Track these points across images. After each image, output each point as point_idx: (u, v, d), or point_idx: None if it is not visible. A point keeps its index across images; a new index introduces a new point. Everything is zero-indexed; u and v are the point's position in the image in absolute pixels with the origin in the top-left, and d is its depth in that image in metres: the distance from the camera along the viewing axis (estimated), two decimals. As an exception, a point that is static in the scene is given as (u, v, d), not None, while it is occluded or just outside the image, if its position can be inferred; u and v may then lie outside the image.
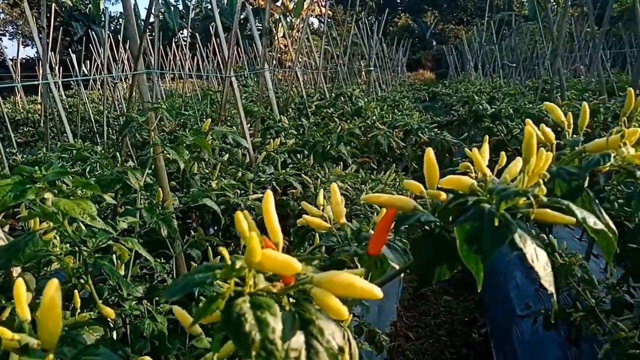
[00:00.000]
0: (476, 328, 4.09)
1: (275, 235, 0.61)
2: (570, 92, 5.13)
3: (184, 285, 0.49)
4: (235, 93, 2.56)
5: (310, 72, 7.85)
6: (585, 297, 2.27)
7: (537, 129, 0.79)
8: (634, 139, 0.72)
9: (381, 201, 0.79)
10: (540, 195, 0.57)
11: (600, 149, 0.73)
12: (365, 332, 3.11)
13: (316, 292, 0.50)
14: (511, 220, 0.58)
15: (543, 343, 3.42)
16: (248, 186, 2.05)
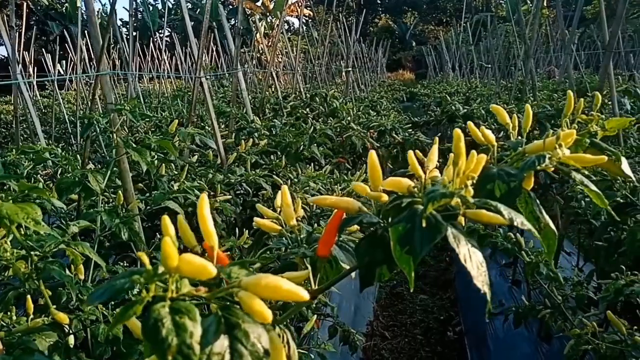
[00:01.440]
0: (451, 326, 4.14)
1: (210, 238, 0.61)
2: (543, 92, 5.22)
3: (104, 291, 0.48)
4: (205, 93, 2.55)
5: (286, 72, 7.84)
6: (552, 295, 2.31)
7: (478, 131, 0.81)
8: (570, 141, 0.73)
9: (327, 203, 0.80)
10: (467, 196, 0.58)
11: (538, 151, 0.74)
12: (340, 332, 3.12)
13: (242, 296, 0.50)
14: (441, 221, 0.59)
15: (515, 340, 3.47)
16: (216, 188, 2.04)
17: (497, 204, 0.60)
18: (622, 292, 1.37)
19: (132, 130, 4.74)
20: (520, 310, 2.71)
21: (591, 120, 0.84)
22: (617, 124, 0.85)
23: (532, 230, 0.59)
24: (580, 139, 0.79)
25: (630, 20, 17.50)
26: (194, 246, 0.62)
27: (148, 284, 0.47)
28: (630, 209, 1.68)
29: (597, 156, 0.73)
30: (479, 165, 0.64)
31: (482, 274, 0.64)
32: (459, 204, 0.60)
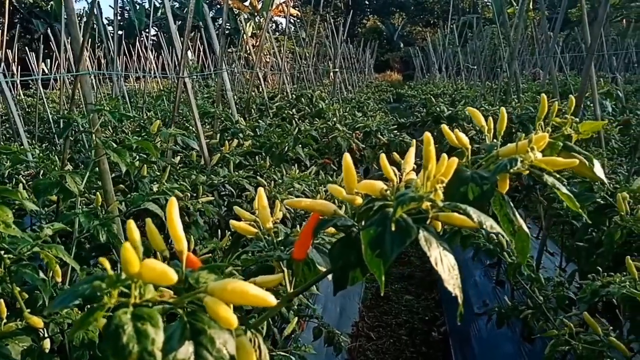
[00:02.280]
0: (436, 327, 4.16)
1: (179, 243, 0.60)
2: (527, 94, 5.27)
3: (67, 297, 0.48)
4: (189, 94, 2.53)
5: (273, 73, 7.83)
6: (533, 295, 2.33)
7: (452, 134, 0.81)
8: (543, 144, 0.74)
9: (302, 206, 0.79)
10: (437, 200, 0.58)
11: (511, 154, 0.75)
12: (325, 333, 3.12)
13: (208, 301, 0.50)
14: (412, 225, 0.59)
15: (499, 340, 3.50)
16: (198, 189, 2.03)
17: (467, 207, 0.60)
18: (598, 293, 1.38)
19: (117, 131, 4.70)
20: (502, 310, 2.73)
21: (565, 123, 0.84)
22: (590, 127, 0.85)
23: (501, 233, 0.59)
24: (554, 142, 0.80)
25: (614, 23, 17.76)
26: (163, 250, 0.61)
27: (110, 289, 0.46)
28: (608, 211, 1.70)
29: (569, 159, 0.73)
30: (450, 169, 0.64)
31: (454, 277, 0.64)
32: (429, 207, 0.60)
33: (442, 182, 0.59)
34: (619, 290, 1.28)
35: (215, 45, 3.47)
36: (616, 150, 3.89)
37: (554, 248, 4.42)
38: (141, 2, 33.54)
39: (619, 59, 10.87)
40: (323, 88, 9.14)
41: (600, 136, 3.05)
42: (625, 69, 13.44)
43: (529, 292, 2.40)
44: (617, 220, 1.60)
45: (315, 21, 9.44)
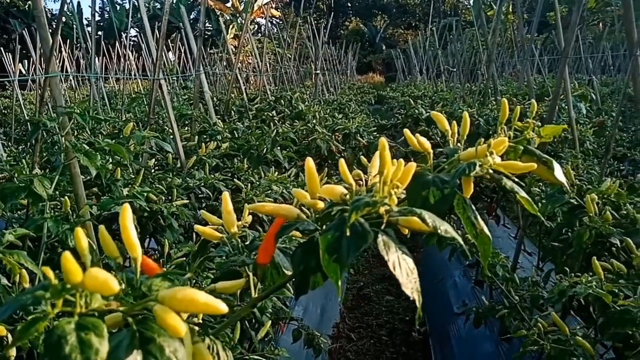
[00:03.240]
0: (416, 327, 4.18)
1: (133, 250, 0.59)
2: (505, 96, 5.34)
3: (10, 306, 0.47)
4: (164, 96, 2.50)
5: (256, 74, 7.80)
6: (508, 295, 2.36)
7: (414, 138, 0.81)
8: (502, 149, 0.75)
9: (266, 210, 0.79)
10: (392, 205, 0.59)
11: (471, 158, 0.75)
12: (304, 335, 3.11)
13: (157, 310, 0.49)
14: (368, 229, 0.59)
15: (478, 340, 3.52)
16: (173, 192, 2.01)
17: (422, 211, 0.60)
18: (565, 294, 1.40)
19: (94, 133, 4.63)
20: (480, 310, 2.75)
21: (526, 127, 0.85)
22: (551, 130, 0.86)
23: (456, 238, 0.60)
24: (514, 146, 0.81)
25: (590, 27, 18.10)
26: (116, 257, 0.61)
27: (54, 299, 0.45)
28: (579, 212, 1.73)
29: (528, 164, 0.74)
30: (407, 174, 0.64)
31: (412, 281, 0.64)
32: (385, 211, 0.60)
33: (397, 187, 0.60)
34: (585, 290, 1.30)
35: (193, 47, 3.45)
36: (591, 152, 3.96)
37: (533, 248, 4.49)
38: (121, 3, 33.17)
39: (595, 61, 11.07)
40: (305, 89, 9.14)
41: (574, 138, 3.10)
42: (601, 71, 13.71)
43: (505, 292, 2.43)
44: (586, 221, 1.63)
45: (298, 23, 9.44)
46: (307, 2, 22.88)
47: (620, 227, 1.62)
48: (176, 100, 5.03)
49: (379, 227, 0.64)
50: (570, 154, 2.94)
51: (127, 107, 4.28)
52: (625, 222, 1.64)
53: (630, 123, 5.76)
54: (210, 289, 0.74)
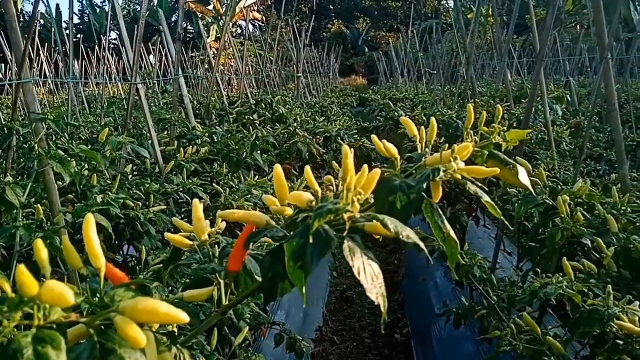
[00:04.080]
0: (399, 328, 4.20)
1: (97, 260, 0.59)
2: (484, 98, 5.40)
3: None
4: (141, 100, 2.48)
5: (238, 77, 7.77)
6: (486, 296, 2.38)
7: (382, 144, 0.82)
8: (466, 154, 0.76)
9: (236, 217, 0.79)
10: (354, 211, 0.59)
11: (436, 163, 0.76)
12: (286, 339, 3.11)
13: (117, 321, 0.49)
14: (332, 236, 0.60)
15: (459, 340, 3.56)
16: (150, 198, 1.99)
17: (385, 217, 0.61)
18: (536, 294, 1.43)
19: (73, 138, 4.57)
20: (460, 311, 2.78)
21: (492, 132, 0.87)
22: (516, 135, 0.88)
23: (418, 243, 0.61)
24: (480, 151, 0.83)
25: (568, 29, 18.42)
26: (80, 268, 0.60)
27: (11, 312, 0.45)
28: (551, 212, 1.76)
29: (491, 168, 0.76)
30: (372, 180, 0.65)
31: (377, 286, 0.65)
32: (349, 217, 0.61)
33: (360, 194, 0.60)
34: (555, 290, 1.33)
35: (171, 50, 3.43)
36: (567, 153, 4.03)
37: (513, 248, 4.54)
38: (101, 5, 32.81)
39: (572, 63, 11.27)
40: (287, 92, 9.14)
41: (550, 139, 3.15)
42: (579, 73, 13.96)
43: (483, 293, 2.46)
44: (558, 222, 1.66)
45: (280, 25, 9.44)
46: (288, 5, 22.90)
47: (591, 227, 1.65)
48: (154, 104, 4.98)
49: (350, 232, 0.65)
50: (545, 155, 2.99)
51: (104, 111, 4.23)
52: (596, 223, 1.68)
53: (606, 124, 5.87)
54: (177, 298, 0.73)
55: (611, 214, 1.67)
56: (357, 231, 0.69)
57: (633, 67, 11.74)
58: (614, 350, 1.12)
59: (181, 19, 3.12)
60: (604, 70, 2.39)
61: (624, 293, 1.42)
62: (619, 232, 1.62)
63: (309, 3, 37.71)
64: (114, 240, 1.78)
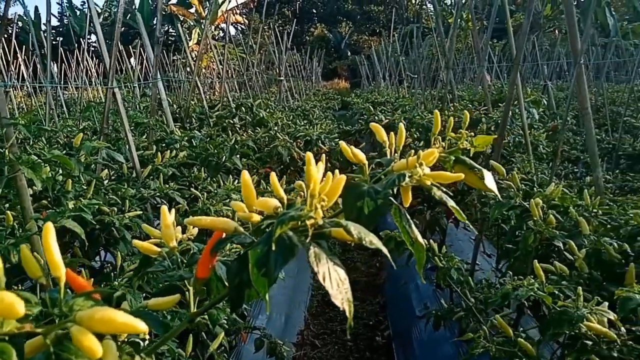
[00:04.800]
0: (380, 331, 4.22)
1: (57, 269, 0.58)
2: (463, 102, 5.47)
3: None
4: (119, 104, 2.46)
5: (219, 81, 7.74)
6: (464, 297, 2.41)
7: (350, 151, 0.83)
8: (432, 159, 0.77)
9: (203, 224, 0.79)
10: (318, 218, 0.60)
11: (403, 169, 0.77)
12: (267, 344, 3.10)
13: (73, 331, 0.48)
14: (295, 242, 0.60)
15: (439, 342, 3.58)
16: (126, 203, 1.97)
17: (348, 223, 0.62)
18: (508, 296, 1.44)
19: (50, 142, 4.52)
20: (439, 313, 2.80)
21: (459, 137, 0.88)
22: (483, 140, 0.89)
23: (381, 248, 0.61)
24: (446, 156, 0.83)
25: (546, 33, 18.77)
26: (39, 277, 0.59)
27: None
28: (525, 215, 1.79)
29: (457, 174, 0.77)
30: (337, 187, 0.65)
31: (343, 292, 0.65)
32: (312, 224, 0.61)
33: (324, 201, 0.61)
34: (526, 292, 1.35)
35: (150, 54, 3.40)
36: (544, 156, 4.10)
37: (493, 250, 4.59)
38: (82, 8, 32.39)
39: (550, 67, 11.46)
40: (269, 96, 9.13)
41: (527, 142, 3.20)
42: (557, 76, 14.21)
43: (461, 295, 2.48)
44: (531, 225, 1.68)
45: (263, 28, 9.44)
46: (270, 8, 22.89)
47: (564, 230, 1.68)
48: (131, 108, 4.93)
49: (314, 239, 0.65)
50: (521, 158, 3.04)
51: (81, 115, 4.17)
52: (569, 225, 1.71)
53: (583, 127, 5.98)
54: (142, 306, 0.73)
55: (583, 217, 1.70)
56: (324, 237, 0.69)
57: (609, 72, 12.00)
58: (582, 351, 1.14)
59: (159, 23, 3.10)
60: (577, 74, 2.44)
61: (595, 294, 1.45)
62: (590, 234, 1.65)
63: (292, 7, 37.77)
64: (87, 247, 1.76)
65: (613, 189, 4.19)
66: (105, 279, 1.85)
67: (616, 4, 24.55)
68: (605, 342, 1.14)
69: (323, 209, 0.62)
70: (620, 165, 5.43)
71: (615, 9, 22.83)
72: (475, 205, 3.74)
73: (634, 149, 5.36)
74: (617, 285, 1.41)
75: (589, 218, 1.72)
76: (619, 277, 1.55)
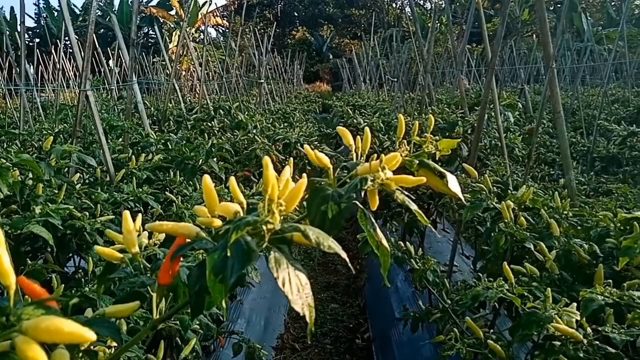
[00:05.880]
0: (360, 334, 4.22)
1: (6, 277, 0.57)
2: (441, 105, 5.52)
3: None
4: (92, 107, 2.42)
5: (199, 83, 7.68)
6: (439, 299, 2.42)
7: (314, 154, 0.83)
8: (395, 163, 0.77)
9: (164, 229, 0.78)
10: (275, 223, 0.59)
11: (366, 173, 0.77)
12: (245, 348, 3.08)
13: (18, 342, 0.47)
14: (253, 248, 0.59)
15: (418, 344, 3.60)
16: (97, 207, 1.94)
17: (306, 228, 0.61)
18: (478, 298, 1.46)
19: (25, 146, 4.43)
20: (417, 315, 2.81)
21: (424, 141, 0.88)
22: (448, 144, 0.90)
23: (340, 253, 0.61)
24: (411, 160, 0.84)
25: (524, 38, 19.08)
26: (-11, 286, 0.58)
27: None
28: (497, 217, 1.81)
29: (419, 177, 0.77)
30: (298, 191, 0.65)
31: (303, 297, 0.65)
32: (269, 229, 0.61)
33: (282, 205, 0.60)
34: (496, 294, 1.36)
35: (125, 56, 3.36)
36: (520, 158, 4.16)
37: (472, 251, 4.64)
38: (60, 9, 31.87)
39: (527, 71, 11.64)
40: (251, 99, 9.09)
41: (502, 145, 3.24)
42: (535, 80, 14.45)
43: (436, 297, 2.50)
44: (502, 227, 1.70)
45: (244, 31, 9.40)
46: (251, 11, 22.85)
47: (535, 231, 1.70)
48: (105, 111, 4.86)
49: (276, 244, 0.65)
50: (495, 161, 3.07)
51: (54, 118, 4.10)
52: (540, 227, 1.73)
53: (558, 130, 6.08)
54: (99, 314, 0.71)
55: (554, 219, 1.72)
56: (285, 242, 0.68)
57: (585, 76, 12.24)
58: (550, 352, 1.15)
59: (135, 25, 3.06)
60: (549, 79, 2.48)
61: (565, 295, 1.47)
62: (561, 236, 1.68)
63: (274, 10, 37.75)
64: (54, 252, 1.72)
65: (588, 191, 4.26)
66: (77, 285, 1.81)
67: (591, 9, 25.09)
68: (572, 342, 1.16)
69: (281, 213, 0.62)
70: (595, 168, 5.53)
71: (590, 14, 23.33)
72: (452, 208, 3.77)
73: (608, 152, 5.46)
74: (587, 286, 1.43)
75: (560, 220, 1.74)
76: (588, 278, 1.58)
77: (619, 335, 1.09)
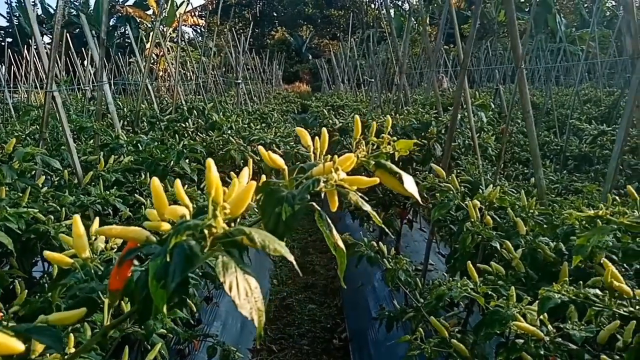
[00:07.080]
0: (337, 334, 4.22)
1: None
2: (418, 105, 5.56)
3: None
4: (58, 109, 2.36)
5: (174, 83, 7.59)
6: (412, 298, 2.43)
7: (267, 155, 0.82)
8: (350, 164, 0.77)
9: (113, 233, 0.76)
10: (218, 226, 0.58)
11: (321, 174, 0.76)
12: (220, 351, 3.05)
13: (-61, 353, 0.45)
14: (196, 252, 0.58)
15: (395, 343, 3.62)
16: (62, 210, 1.89)
17: (252, 231, 0.60)
18: (442, 298, 1.47)
19: None
20: (392, 314, 2.82)
21: (382, 142, 0.88)
22: (405, 145, 0.90)
23: (286, 256, 0.60)
24: (367, 161, 0.84)
25: (501, 39, 19.34)
26: None
27: None
28: (466, 217, 1.82)
29: (372, 178, 0.77)
30: (246, 193, 0.64)
31: (252, 301, 0.64)
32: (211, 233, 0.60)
33: (226, 209, 0.59)
34: (460, 293, 1.37)
35: (95, 56, 3.30)
36: (493, 158, 4.21)
37: (445, 250, 4.68)
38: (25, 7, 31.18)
39: (502, 71, 11.80)
40: (229, 99, 9.02)
41: (474, 145, 3.28)
42: (511, 80, 14.65)
43: (409, 296, 2.51)
44: (468, 226, 1.72)
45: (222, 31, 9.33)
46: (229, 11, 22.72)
47: (502, 230, 1.72)
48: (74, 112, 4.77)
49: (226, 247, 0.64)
50: (467, 160, 3.10)
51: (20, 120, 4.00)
52: (507, 226, 1.75)
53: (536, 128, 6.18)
54: (42, 321, 0.69)
55: (521, 217, 1.74)
56: (236, 245, 0.67)
57: (558, 76, 12.47)
58: (512, 350, 1.16)
59: (104, 24, 3.01)
60: (518, 79, 2.51)
61: (530, 293, 1.49)
62: (527, 234, 1.70)
63: (252, 10, 37.59)
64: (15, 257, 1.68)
65: (560, 189, 4.33)
66: (41, 290, 1.77)
67: (565, 11, 25.59)
68: (534, 340, 1.17)
69: (227, 217, 0.60)
70: (567, 166, 5.63)
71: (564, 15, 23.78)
72: (428, 208, 3.80)
73: (580, 151, 5.56)
74: (552, 283, 1.45)
75: (527, 218, 1.77)
76: (553, 276, 1.60)
77: (579, 332, 1.11)
